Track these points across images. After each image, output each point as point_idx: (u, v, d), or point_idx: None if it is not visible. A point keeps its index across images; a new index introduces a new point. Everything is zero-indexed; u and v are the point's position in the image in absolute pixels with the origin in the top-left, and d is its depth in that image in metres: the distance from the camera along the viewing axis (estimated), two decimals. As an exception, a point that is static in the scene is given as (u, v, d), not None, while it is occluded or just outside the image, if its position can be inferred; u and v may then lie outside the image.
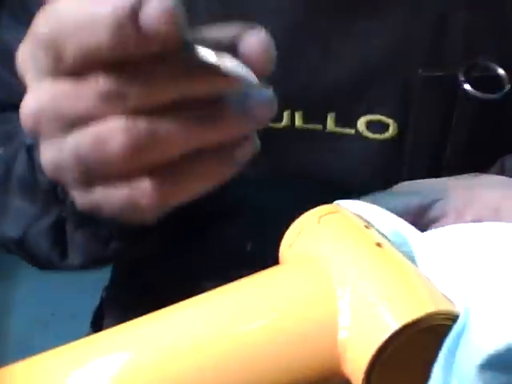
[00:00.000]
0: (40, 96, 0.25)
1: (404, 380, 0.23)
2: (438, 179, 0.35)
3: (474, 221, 0.31)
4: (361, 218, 0.28)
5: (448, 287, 0.24)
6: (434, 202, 0.32)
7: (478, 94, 0.39)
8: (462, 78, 0.39)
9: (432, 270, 0.25)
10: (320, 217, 0.28)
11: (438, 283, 0.24)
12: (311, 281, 0.25)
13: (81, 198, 0.26)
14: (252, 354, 0.23)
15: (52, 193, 0.38)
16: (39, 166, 0.36)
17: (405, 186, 0.35)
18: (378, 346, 0.22)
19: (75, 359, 0.24)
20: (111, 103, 0.23)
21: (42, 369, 0.24)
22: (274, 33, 0.25)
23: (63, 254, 0.41)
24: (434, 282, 0.24)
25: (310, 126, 0.41)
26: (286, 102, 0.40)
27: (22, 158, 0.40)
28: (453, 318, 0.23)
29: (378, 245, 0.26)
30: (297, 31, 0.40)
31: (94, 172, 0.25)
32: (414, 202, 0.32)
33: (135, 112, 0.23)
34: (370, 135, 0.41)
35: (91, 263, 0.42)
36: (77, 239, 0.40)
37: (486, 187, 0.33)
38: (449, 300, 0.23)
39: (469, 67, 0.39)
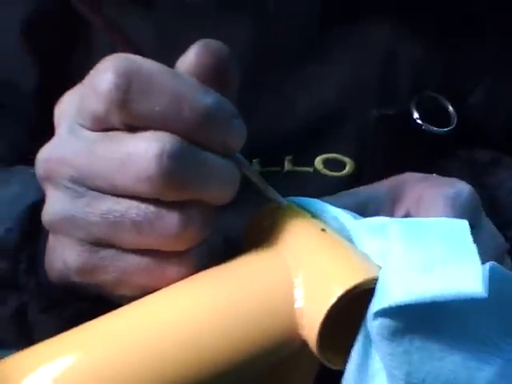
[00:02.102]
0: (66, 148, 0.28)
1: (343, 332, 0.28)
2: (370, 185, 0.38)
3: (404, 214, 0.35)
4: (308, 210, 0.33)
5: (375, 258, 0.30)
6: (367, 201, 0.35)
7: (430, 127, 0.41)
8: (415, 113, 0.41)
9: (364, 246, 0.31)
10: (274, 209, 0.33)
11: (369, 256, 0.30)
12: (270, 263, 0.30)
13: (80, 256, 0.29)
14: (221, 328, 0.28)
15: (11, 280, 0.37)
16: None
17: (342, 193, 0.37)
18: (328, 308, 0.27)
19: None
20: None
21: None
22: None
23: (30, 343, 0.38)
24: (366, 255, 0.30)
25: (268, 169, 0.43)
26: (243, 150, 0.40)
27: None
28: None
29: (323, 230, 0.31)
30: (250, 83, 0.40)
31: (118, 237, 0.28)
32: (350, 202, 0.35)
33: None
34: (328, 173, 0.43)
35: None
36: (42, 324, 0.38)
37: (410, 183, 0.36)
38: (379, 268, 0.29)
39: (419, 101, 0.41)
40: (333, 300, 0.27)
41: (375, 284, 0.28)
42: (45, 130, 0.30)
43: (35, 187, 0.38)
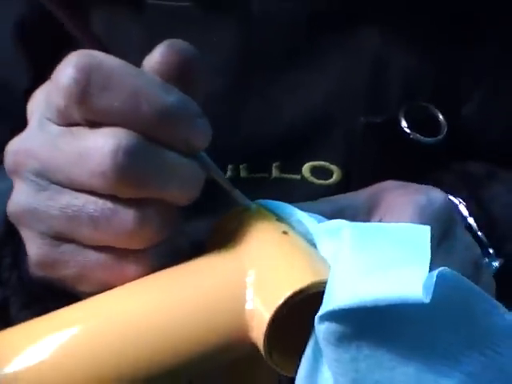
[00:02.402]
0: (32, 141, 0.28)
1: (299, 340, 0.28)
2: (349, 193, 0.37)
3: (377, 221, 0.34)
4: (274, 213, 0.33)
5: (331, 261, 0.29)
6: (344, 208, 0.35)
7: (418, 136, 0.40)
8: (403, 122, 0.40)
9: (321, 249, 0.30)
10: (241, 212, 0.33)
11: (327, 259, 0.29)
12: (225, 264, 0.30)
13: (41, 249, 0.29)
14: (168, 324, 0.28)
15: None
16: None
17: (321, 199, 0.37)
18: (274, 310, 0.27)
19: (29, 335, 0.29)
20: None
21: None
22: (214, 91, 0.30)
23: None
24: (324, 259, 0.29)
25: (255, 176, 0.42)
26: (230, 155, 0.41)
27: None
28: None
29: (285, 232, 0.31)
30: (236, 87, 0.41)
31: (77, 232, 0.28)
32: (328, 208, 0.35)
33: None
34: (316, 180, 0.42)
35: None
36: (24, 319, 0.36)
37: (388, 190, 0.36)
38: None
39: (408, 110, 0.41)
40: (279, 302, 0.27)
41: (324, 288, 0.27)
42: None
43: None
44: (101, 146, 0.27)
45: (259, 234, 0.31)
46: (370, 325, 0.26)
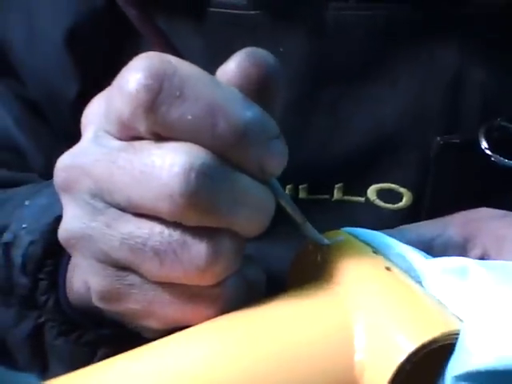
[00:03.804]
0: (87, 157, 0.25)
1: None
2: (436, 219, 0.34)
3: (480, 254, 0.31)
4: (367, 243, 0.29)
5: (453, 307, 0.25)
6: (434, 239, 0.32)
7: (499, 158, 0.37)
8: (483, 143, 0.37)
9: (439, 292, 0.26)
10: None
11: (446, 304, 0.25)
12: (324, 305, 0.26)
13: (105, 281, 0.26)
14: (272, 376, 0.24)
15: (30, 297, 0.35)
16: (19, 267, 0.35)
17: (403, 227, 0.33)
18: (397, 366, 0.23)
19: None
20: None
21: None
22: (281, 107, 0.26)
23: (44, 367, 0.38)
24: (442, 303, 0.25)
25: (316, 197, 0.39)
26: (290, 175, 0.36)
27: None
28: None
29: (388, 269, 0.27)
30: (304, 102, 0.38)
31: (140, 265, 0.25)
32: (414, 238, 0.31)
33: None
34: (382, 204, 0.39)
35: None
36: (58, 348, 0.36)
37: (488, 220, 0.32)
38: (458, 320, 0.24)
39: (488, 130, 0.37)
40: (402, 357, 0.23)
41: (454, 340, 0.23)
42: None
43: None
44: (169, 164, 0.23)
45: (358, 270, 0.27)
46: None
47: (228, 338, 0.25)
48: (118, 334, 0.35)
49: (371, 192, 0.39)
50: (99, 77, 0.40)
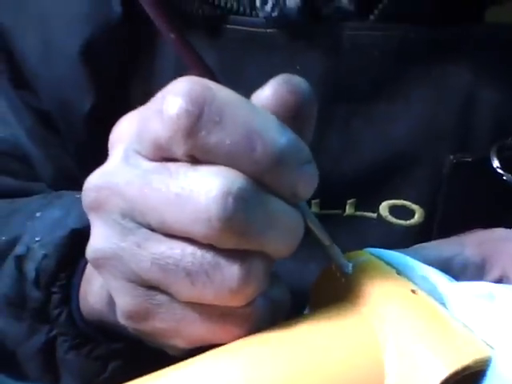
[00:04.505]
0: (119, 177, 0.24)
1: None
2: (451, 238, 0.34)
3: (500, 275, 0.31)
4: (390, 264, 0.29)
5: (481, 333, 0.25)
6: (451, 258, 0.32)
7: (510, 177, 0.38)
8: (495, 161, 0.38)
9: (465, 317, 0.26)
10: (352, 263, 0.29)
11: (474, 329, 0.25)
12: (353, 328, 0.26)
13: (134, 300, 0.25)
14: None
15: (43, 311, 0.35)
16: (32, 280, 0.35)
17: (419, 246, 0.33)
18: (429, 392, 0.23)
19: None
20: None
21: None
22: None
23: (55, 381, 0.38)
24: (470, 328, 0.25)
25: (327, 212, 0.39)
26: None
27: (8, 270, 0.37)
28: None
29: (413, 291, 0.27)
30: (318, 119, 0.38)
31: (170, 286, 0.24)
32: (432, 257, 0.31)
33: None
34: (394, 220, 0.39)
35: None
36: (70, 361, 0.36)
37: (504, 240, 0.33)
38: (488, 346, 0.25)
39: (500, 148, 0.38)
40: (435, 383, 0.23)
41: (485, 366, 0.23)
42: (94, 156, 0.27)
43: (77, 212, 0.35)
44: (207, 187, 0.23)
45: (384, 292, 0.27)
46: None
47: (259, 359, 0.25)
48: (129, 348, 0.36)
49: (383, 208, 0.39)
50: (113, 90, 0.40)
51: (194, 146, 0.23)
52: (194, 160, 0.24)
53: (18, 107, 0.43)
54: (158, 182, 0.24)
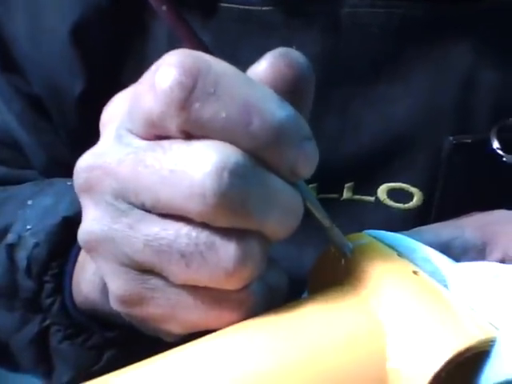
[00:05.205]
0: (110, 156, 0.24)
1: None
2: (450, 221, 0.33)
3: (501, 257, 0.30)
4: (391, 246, 0.28)
5: (485, 314, 0.25)
6: (451, 241, 0.31)
7: (510, 158, 0.37)
8: (495, 142, 0.37)
9: (468, 298, 0.25)
10: (353, 245, 0.28)
11: (477, 310, 0.25)
12: (353, 311, 0.25)
13: (128, 285, 0.25)
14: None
15: (35, 300, 0.35)
16: (24, 269, 0.34)
17: (419, 228, 0.33)
18: (433, 374, 0.22)
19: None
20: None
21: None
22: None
23: (49, 370, 0.37)
24: (473, 309, 0.25)
25: (324, 196, 0.39)
26: None
27: None
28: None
29: (415, 273, 0.26)
30: (315, 101, 0.37)
31: (164, 268, 0.24)
32: (432, 240, 0.31)
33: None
34: (392, 204, 0.39)
35: (82, 379, 0.38)
36: (64, 351, 0.36)
37: (505, 222, 0.32)
38: (493, 326, 0.24)
39: (500, 130, 0.37)
40: (438, 365, 0.22)
41: (489, 347, 0.23)
42: (86, 141, 0.26)
43: (69, 199, 0.35)
44: (201, 162, 0.22)
45: (385, 274, 0.26)
46: None
47: (255, 344, 0.24)
48: (124, 337, 0.35)
49: (381, 191, 0.39)
50: (105, 73, 0.39)
51: (187, 119, 0.22)
52: (188, 136, 0.23)
53: (7, 92, 0.42)
54: (151, 159, 0.23)
